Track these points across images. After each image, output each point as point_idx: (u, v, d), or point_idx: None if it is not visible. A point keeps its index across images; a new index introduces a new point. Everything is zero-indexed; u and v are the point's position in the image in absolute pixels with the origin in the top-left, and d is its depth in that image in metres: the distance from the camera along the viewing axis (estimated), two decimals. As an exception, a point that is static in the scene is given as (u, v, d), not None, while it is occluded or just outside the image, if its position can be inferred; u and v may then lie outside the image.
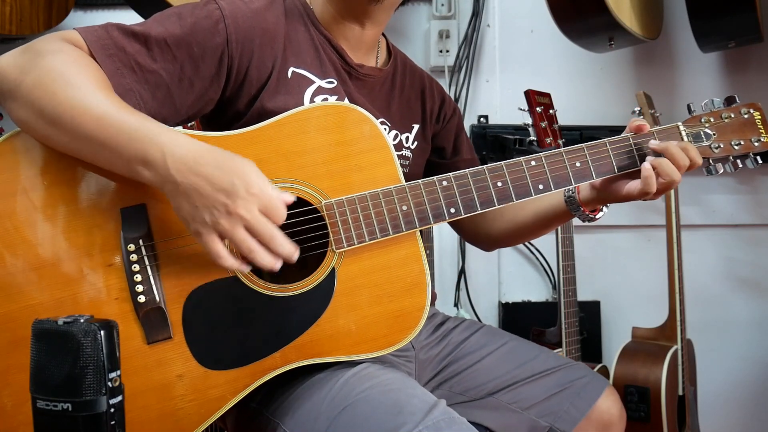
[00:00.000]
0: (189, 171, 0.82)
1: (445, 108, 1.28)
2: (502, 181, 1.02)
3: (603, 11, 1.70)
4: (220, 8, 0.99)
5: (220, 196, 0.81)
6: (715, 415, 2.21)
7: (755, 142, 1.11)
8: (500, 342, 1.23)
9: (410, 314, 0.97)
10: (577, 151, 1.04)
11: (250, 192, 0.81)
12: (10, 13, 1.62)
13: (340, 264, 0.96)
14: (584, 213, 1.13)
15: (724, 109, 1.12)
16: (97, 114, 0.83)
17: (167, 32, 0.95)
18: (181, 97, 0.97)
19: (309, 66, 1.06)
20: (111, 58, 0.91)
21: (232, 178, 0.81)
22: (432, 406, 0.88)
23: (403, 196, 0.98)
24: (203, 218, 0.82)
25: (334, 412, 0.90)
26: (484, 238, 1.32)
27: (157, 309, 0.90)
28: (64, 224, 0.89)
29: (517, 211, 1.23)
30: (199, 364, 0.91)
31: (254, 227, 0.82)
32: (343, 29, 1.11)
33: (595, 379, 1.19)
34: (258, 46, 1.01)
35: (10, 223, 0.87)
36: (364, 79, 1.13)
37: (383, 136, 0.99)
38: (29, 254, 0.87)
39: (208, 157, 0.83)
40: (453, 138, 1.30)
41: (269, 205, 0.83)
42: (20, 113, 0.86)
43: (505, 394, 1.17)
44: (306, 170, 0.96)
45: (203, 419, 0.91)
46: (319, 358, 0.95)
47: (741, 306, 2.29)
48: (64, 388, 0.61)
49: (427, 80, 1.27)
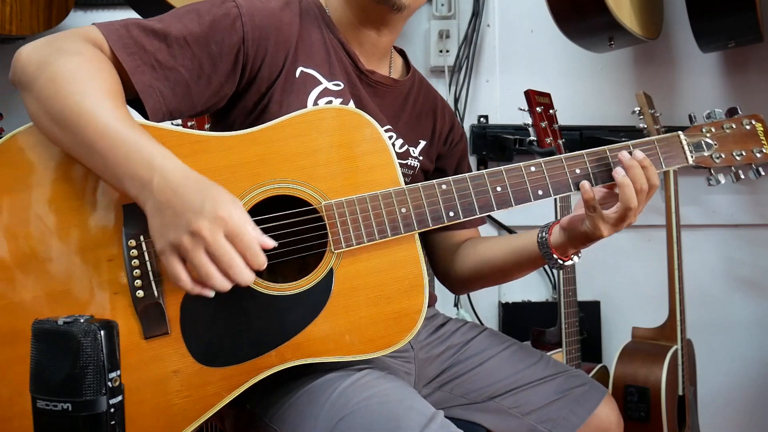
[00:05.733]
0: (169, 189, 0.82)
1: (453, 132, 1.29)
2: (501, 186, 1.02)
3: (603, 11, 1.70)
4: (238, 6, 1.01)
5: (187, 214, 0.81)
6: (715, 415, 2.21)
7: (757, 153, 1.11)
8: (502, 346, 1.23)
9: (408, 316, 0.98)
10: (578, 157, 1.04)
11: (216, 215, 0.80)
12: (10, 13, 1.62)
13: (339, 265, 0.96)
14: (552, 256, 1.09)
15: (725, 120, 1.12)
16: (100, 125, 0.84)
17: (186, 30, 0.96)
18: (199, 93, 0.99)
19: (318, 67, 1.07)
20: (132, 57, 0.92)
21: (203, 199, 0.81)
22: (429, 419, 0.88)
23: (403, 198, 0.98)
24: (168, 236, 0.82)
25: (332, 421, 0.91)
26: (454, 275, 1.26)
27: (155, 304, 0.90)
28: (66, 219, 0.90)
29: (491, 245, 1.21)
30: (195, 361, 0.92)
31: (214, 252, 0.81)
32: (359, 35, 1.12)
33: (594, 388, 1.20)
34: (272, 45, 1.03)
35: (12, 217, 0.89)
36: (375, 86, 1.14)
37: (384, 139, 1.00)
38: (31, 248, 0.88)
39: (191, 182, 0.83)
40: (456, 163, 1.31)
41: (235, 231, 0.81)
42: (32, 106, 0.88)
43: (505, 398, 1.17)
44: (306, 171, 0.96)
45: (198, 415, 0.92)
46: (315, 357, 0.95)
47: (741, 306, 2.29)
48: (64, 388, 0.61)
49: (440, 102, 1.29)
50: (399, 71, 1.24)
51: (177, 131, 0.95)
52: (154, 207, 0.84)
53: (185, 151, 0.94)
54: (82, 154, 0.87)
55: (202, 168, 0.93)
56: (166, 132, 0.94)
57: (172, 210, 0.82)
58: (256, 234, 0.83)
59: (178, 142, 0.94)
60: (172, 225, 0.82)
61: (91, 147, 0.85)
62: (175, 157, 0.86)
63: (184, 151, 0.94)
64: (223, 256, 0.81)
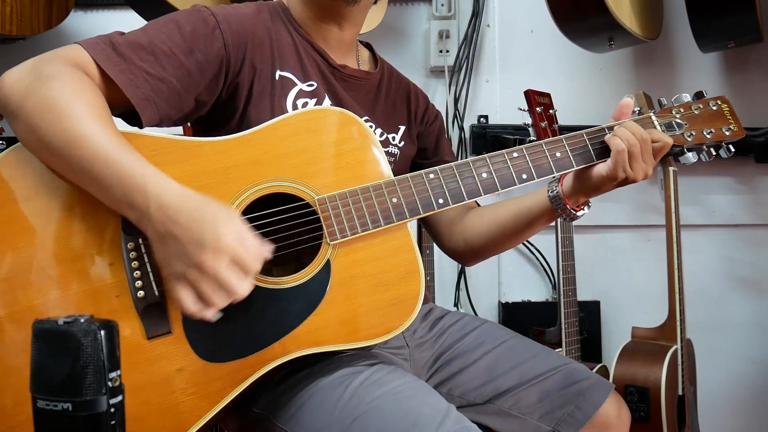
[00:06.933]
0: (168, 219, 0.84)
1: (428, 112, 1.34)
2: (486, 172, 1.06)
3: (603, 11, 1.70)
4: (214, 14, 1.03)
5: (190, 247, 0.82)
6: (715, 415, 2.22)
7: (726, 131, 1.18)
8: (499, 340, 1.21)
9: (406, 301, 1.00)
10: (557, 142, 1.10)
11: (218, 246, 0.82)
12: (10, 13, 1.62)
13: (335, 256, 0.98)
14: (566, 206, 1.12)
15: (693, 101, 1.20)
16: (91, 150, 0.85)
17: (171, 40, 0.98)
18: (188, 100, 1.01)
19: (292, 69, 1.11)
20: (123, 73, 0.93)
21: (203, 230, 0.82)
22: (444, 415, 0.89)
23: (393, 189, 1.02)
24: (174, 268, 0.84)
25: (346, 422, 0.91)
26: (464, 246, 1.27)
27: (156, 304, 0.91)
28: (67, 227, 0.91)
29: (497, 210, 1.23)
30: (199, 358, 0.92)
31: (219, 281, 0.83)
32: (322, 31, 1.15)
33: (600, 382, 1.17)
34: (250, 49, 1.06)
35: (14, 227, 0.89)
36: (348, 80, 1.17)
37: (371, 136, 1.04)
38: (33, 256, 0.89)
39: (188, 206, 0.84)
40: (434, 140, 1.34)
41: (238, 258, 0.83)
42: (22, 134, 0.89)
43: (506, 399, 1.15)
44: (298, 169, 0.99)
45: (204, 412, 0.92)
46: (318, 347, 0.96)
47: (741, 306, 2.29)
48: (64, 387, 0.61)
49: (412, 87, 1.33)
50: (367, 63, 1.27)
51: (170, 138, 0.97)
52: (155, 236, 0.85)
53: (179, 156, 0.95)
54: (78, 179, 0.88)
55: (197, 171, 0.95)
56: (159, 139, 0.96)
57: (174, 240, 0.83)
58: (255, 251, 0.85)
59: (172, 148, 0.95)
60: (177, 256, 0.84)
61: (85, 172, 0.86)
62: (168, 177, 0.87)
63: (177, 156, 0.95)
64: (226, 285, 0.83)
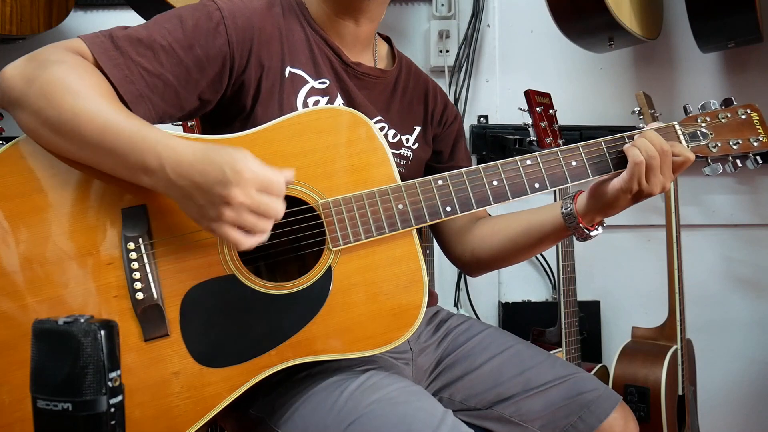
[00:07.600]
0: (185, 173, 0.84)
1: (447, 113, 1.28)
2: (497, 180, 1.02)
3: (603, 11, 1.70)
4: (219, 9, 1.00)
5: (216, 188, 0.82)
6: (715, 415, 2.22)
7: (754, 141, 1.11)
8: (505, 345, 1.19)
9: (407, 312, 0.97)
10: (573, 150, 1.05)
11: (243, 177, 0.82)
12: (10, 13, 1.62)
13: (337, 262, 0.97)
14: (579, 225, 1.08)
15: (720, 110, 1.12)
16: (100, 121, 0.85)
17: (171, 36, 0.96)
18: (187, 97, 0.99)
19: (304, 65, 1.07)
20: (118, 67, 0.92)
21: (222, 168, 0.82)
22: (440, 420, 0.89)
23: (399, 194, 0.98)
24: (209, 214, 0.84)
25: (341, 426, 0.91)
26: (472, 257, 1.23)
27: (154, 306, 0.90)
28: (66, 225, 0.90)
29: (508, 222, 1.19)
30: (196, 362, 0.91)
31: (257, 209, 0.84)
32: (338, 27, 1.11)
33: (606, 395, 1.13)
34: (256, 45, 1.02)
35: (13, 223, 0.89)
36: (362, 78, 1.13)
37: (379, 138, 1.00)
38: (31, 253, 0.89)
39: (199, 155, 0.85)
40: (452, 143, 1.29)
41: (265, 182, 0.84)
42: (27, 122, 0.88)
43: (507, 406, 1.13)
44: (303, 171, 0.96)
45: (199, 417, 0.91)
46: (315, 356, 0.95)
47: (740, 306, 2.29)
48: (64, 387, 0.61)
49: (431, 85, 1.28)
50: (384, 60, 1.22)
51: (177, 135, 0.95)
52: (180, 194, 0.85)
53: None
54: (90, 156, 0.88)
55: None
56: None
57: (197, 189, 0.83)
58: (277, 177, 0.85)
59: None
60: (207, 203, 0.83)
61: (97, 146, 0.86)
62: (171, 135, 0.87)
63: None
64: (264, 211, 0.84)
